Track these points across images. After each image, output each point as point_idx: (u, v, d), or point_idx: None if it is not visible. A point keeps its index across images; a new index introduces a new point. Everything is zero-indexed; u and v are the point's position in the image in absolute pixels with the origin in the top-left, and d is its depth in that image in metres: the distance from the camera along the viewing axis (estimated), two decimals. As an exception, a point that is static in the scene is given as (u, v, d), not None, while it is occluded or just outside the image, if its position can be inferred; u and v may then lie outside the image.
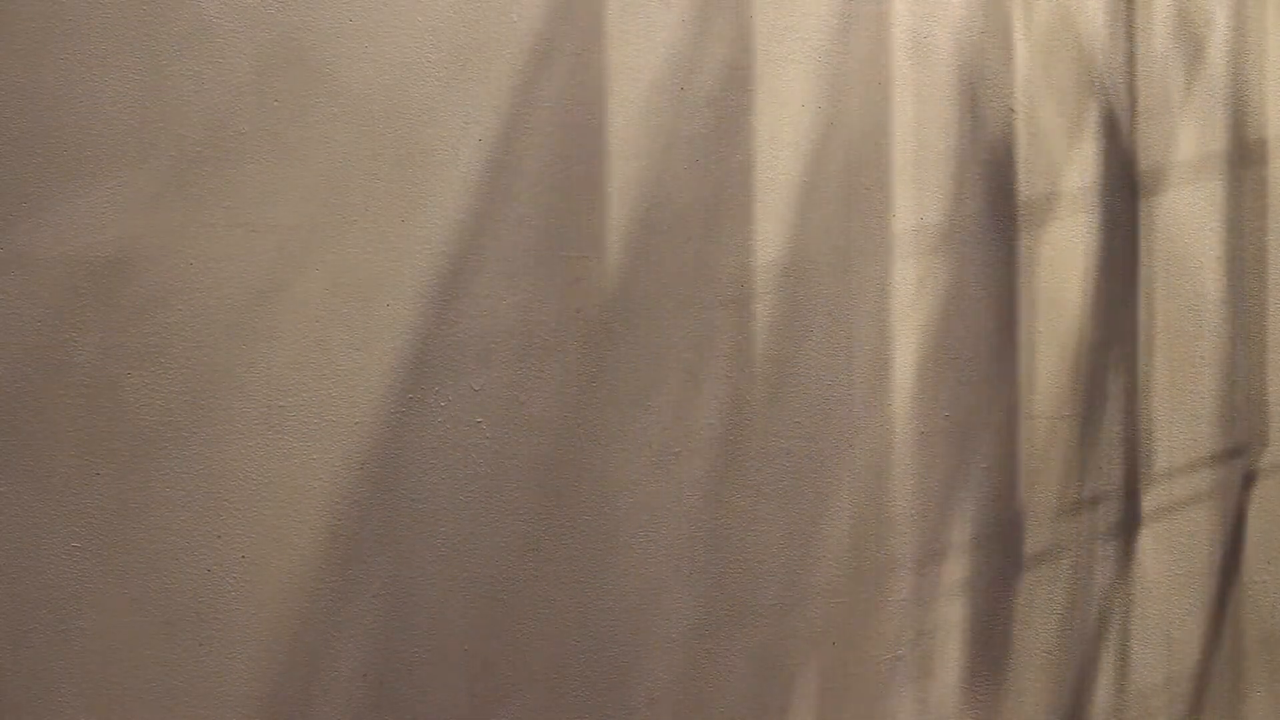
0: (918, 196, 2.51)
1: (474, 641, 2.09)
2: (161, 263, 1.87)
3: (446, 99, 2.06)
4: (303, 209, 1.96)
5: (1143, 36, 2.80)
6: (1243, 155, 2.96)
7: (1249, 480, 2.99)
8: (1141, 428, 2.83)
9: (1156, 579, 2.86)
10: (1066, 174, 2.70)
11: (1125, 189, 2.79)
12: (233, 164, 1.91)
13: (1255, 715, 2.99)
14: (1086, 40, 2.68)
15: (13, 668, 1.79)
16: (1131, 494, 2.82)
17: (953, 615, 2.57)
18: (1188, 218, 2.88)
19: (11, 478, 1.79)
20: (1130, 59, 2.75)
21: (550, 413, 2.14)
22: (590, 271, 2.18)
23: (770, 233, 2.35)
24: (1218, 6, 2.88)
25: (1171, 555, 2.87)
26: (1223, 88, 2.90)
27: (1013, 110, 2.62)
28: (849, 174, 2.43)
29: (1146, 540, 2.85)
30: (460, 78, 2.07)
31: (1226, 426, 2.95)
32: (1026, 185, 2.65)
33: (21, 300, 1.79)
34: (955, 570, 2.57)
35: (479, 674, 2.09)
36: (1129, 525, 2.82)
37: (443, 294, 2.06)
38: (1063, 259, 2.70)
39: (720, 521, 2.30)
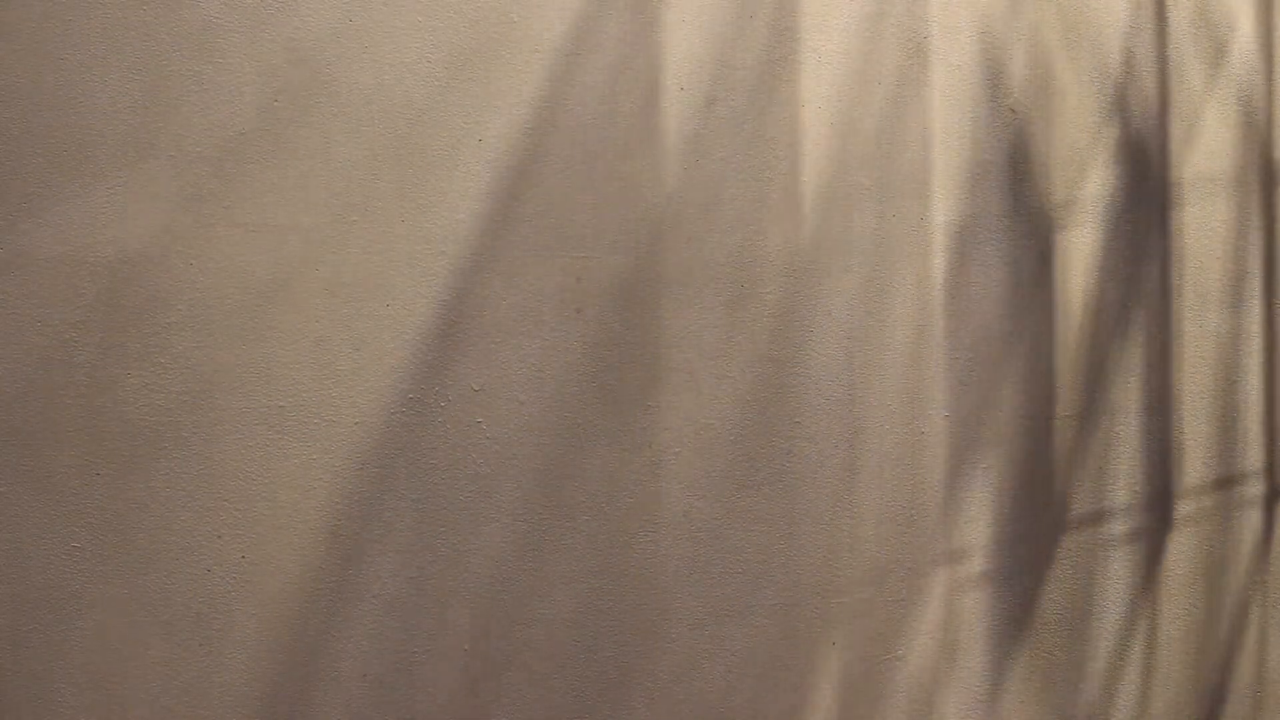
0: (927, 197, 2.51)
1: (474, 641, 2.09)
2: (161, 263, 1.87)
3: (446, 99, 2.06)
4: (303, 209, 1.96)
5: (1170, 37, 2.79)
6: (1266, 162, 2.95)
7: (1276, 497, 2.98)
8: (1172, 436, 2.82)
9: (1176, 592, 2.85)
10: (1087, 178, 2.69)
11: (1149, 194, 2.78)
12: (233, 164, 1.91)
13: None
14: (1111, 42, 2.68)
15: (13, 668, 1.79)
16: (1153, 504, 2.81)
17: (960, 617, 2.57)
18: (1213, 225, 2.87)
19: (11, 478, 1.79)
20: (1159, 63, 2.74)
21: (550, 413, 2.14)
22: (590, 271, 2.18)
23: (771, 233, 2.35)
24: (1241, 10, 2.88)
25: (1193, 569, 2.87)
26: (1246, 92, 2.90)
27: (1032, 112, 2.62)
28: (853, 175, 2.43)
29: (1164, 551, 2.85)
30: (460, 78, 2.07)
31: (1254, 441, 2.94)
32: (1046, 187, 2.64)
33: (21, 300, 1.79)
34: (959, 571, 2.57)
35: (479, 674, 2.09)
36: (1146, 535, 2.81)
37: (443, 294, 2.06)
38: (1075, 262, 2.70)
39: (721, 522, 2.30)
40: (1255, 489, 2.93)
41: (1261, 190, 2.93)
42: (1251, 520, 2.95)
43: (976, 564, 2.59)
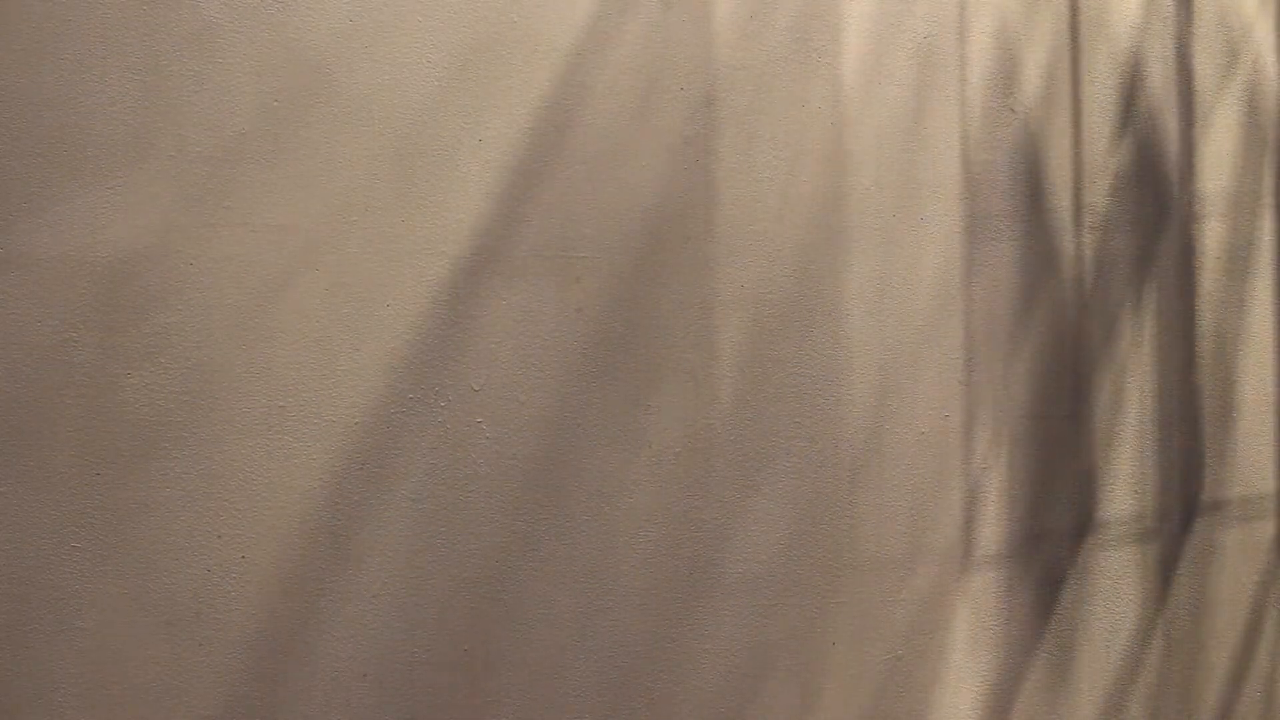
0: (932, 197, 2.51)
1: (474, 641, 2.09)
2: (161, 263, 1.87)
3: (447, 99, 2.06)
4: (303, 209, 1.96)
5: (1183, 41, 2.79)
6: None
7: None
8: (1186, 440, 2.82)
9: (1187, 596, 2.85)
10: (1099, 179, 2.69)
11: (1161, 196, 2.78)
12: (233, 164, 1.91)
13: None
14: (1125, 44, 2.68)
15: (13, 668, 1.79)
16: (1165, 508, 2.81)
17: (963, 617, 2.57)
18: (1225, 227, 2.87)
19: (11, 478, 1.79)
20: (1173, 66, 2.74)
21: (550, 413, 2.14)
22: (590, 271, 2.18)
23: (770, 231, 2.35)
24: (1257, 14, 2.88)
25: (1205, 573, 2.86)
26: (1261, 98, 2.90)
27: (1044, 113, 2.62)
28: (858, 175, 2.43)
29: (1177, 555, 2.84)
30: (460, 78, 2.07)
31: (1269, 447, 2.93)
32: (1057, 188, 2.64)
33: (21, 300, 1.79)
34: (960, 572, 2.57)
35: (479, 674, 2.09)
36: (1157, 538, 2.81)
37: (443, 294, 2.06)
38: (1085, 262, 2.69)
39: (721, 522, 2.30)
40: (1269, 494, 2.93)
41: (1276, 193, 2.93)
42: (1266, 527, 2.95)
43: (977, 564, 2.59)
